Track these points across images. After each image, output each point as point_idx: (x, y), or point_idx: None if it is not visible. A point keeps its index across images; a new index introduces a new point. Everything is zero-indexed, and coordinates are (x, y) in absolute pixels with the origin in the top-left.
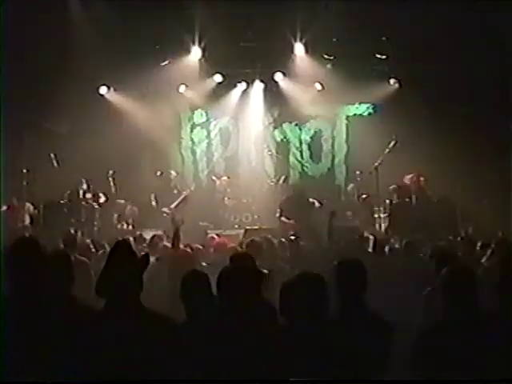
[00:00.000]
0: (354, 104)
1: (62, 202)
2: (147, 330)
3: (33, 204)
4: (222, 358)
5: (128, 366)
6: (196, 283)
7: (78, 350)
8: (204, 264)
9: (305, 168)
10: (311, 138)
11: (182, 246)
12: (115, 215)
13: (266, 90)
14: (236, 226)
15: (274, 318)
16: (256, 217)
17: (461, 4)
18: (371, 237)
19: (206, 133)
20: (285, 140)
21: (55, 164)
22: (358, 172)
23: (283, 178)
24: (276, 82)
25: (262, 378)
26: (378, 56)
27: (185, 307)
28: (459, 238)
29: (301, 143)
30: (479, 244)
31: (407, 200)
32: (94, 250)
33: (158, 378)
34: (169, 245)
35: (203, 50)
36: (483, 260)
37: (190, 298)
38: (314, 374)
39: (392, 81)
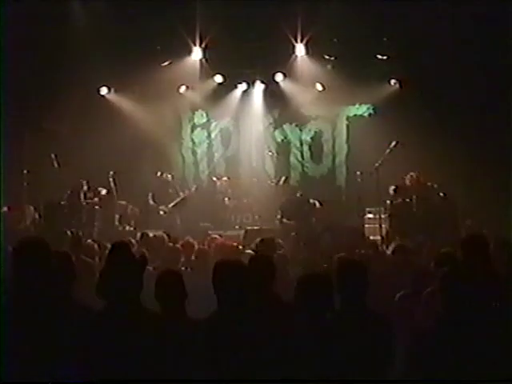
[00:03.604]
0: (354, 105)
1: (62, 202)
2: (147, 330)
3: (33, 205)
4: (222, 357)
5: (128, 366)
6: (170, 283)
7: (79, 350)
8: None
9: (305, 169)
10: (312, 138)
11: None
12: (116, 216)
13: (266, 90)
14: (237, 227)
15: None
16: (256, 217)
17: (461, 4)
18: (372, 237)
19: (206, 133)
20: (285, 141)
21: (56, 165)
22: (358, 173)
23: (284, 178)
24: (277, 83)
25: (263, 378)
26: (379, 57)
27: (160, 307)
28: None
29: (301, 144)
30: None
31: (407, 200)
32: (98, 250)
33: (157, 378)
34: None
35: (204, 51)
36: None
37: (164, 297)
38: (314, 373)
39: (392, 81)
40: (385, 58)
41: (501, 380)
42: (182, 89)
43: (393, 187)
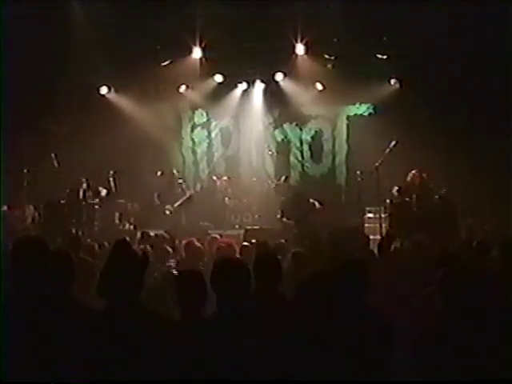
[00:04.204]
0: (354, 104)
1: (62, 201)
2: (148, 329)
3: (33, 204)
4: (222, 357)
5: (128, 366)
6: (191, 282)
7: (79, 350)
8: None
9: (305, 168)
10: (312, 138)
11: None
12: (116, 215)
13: (266, 90)
14: (237, 226)
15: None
16: (256, 217)
17: (461, 3)
18: (372, 237)
19: (206, 133)
20: (285, 140)
21: (56, 164)
22: (358, 172)
23: (284, 178)
24: (277, 82)
25: (263, 378)
26: (379, 56)
27: (180, 306)
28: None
29: (301, 143)
30: (474, 243)
31: (407, 200)
32: (98, 249)
33: (158, 378)
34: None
35: (204, 50)
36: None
37: (185, 297)
38: (314, 374)
39: (392, 81)
40: (385, 57)
41: (501, 380)
42: (182, 88)
43: (396, 188)
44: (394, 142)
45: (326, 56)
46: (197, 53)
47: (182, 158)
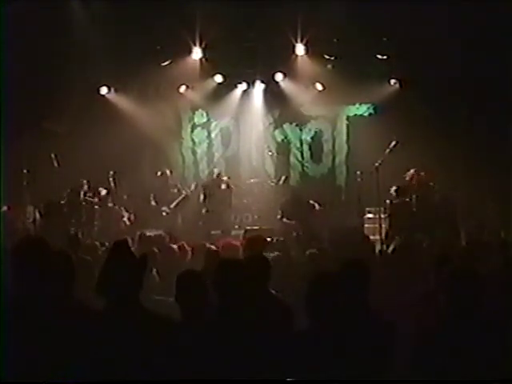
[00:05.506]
0: (354, 104)
1: (62, 202)
2: (147, 329)
3: (33, 205)
4: (222, 357)
5: (128, 366)
6: (191, 283)
7: (79, 350)
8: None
9: (305, 168)
10: (312, 138)
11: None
12: (116, 215)
13: (266, 90)
14: (236, 227)
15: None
16: (256, 217)
17: (461, 3)
18: (372, 237)
19: (206, 133)
20: (285, 140)
21: (56, 164)
22: (358, 172)
23: (284, 178)
24: (277, 83)
25: (263, 377)
26: (379, 56)
27: (180, 307)
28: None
29: (301, 143)
30: (474, 243)
31: (407, 200)
32: (98, 249)
33: (157, 378)
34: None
35: (204, 51)
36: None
37: (185, 298)
38: (315, 374)
39: (392, 81)
40: (385, 57)
41: (501, 380)
42: (182, 88)
43: (394, 188)
44: (393, 143)
45: (326, 56)
46: (197, 53)
47: (182, 158)
